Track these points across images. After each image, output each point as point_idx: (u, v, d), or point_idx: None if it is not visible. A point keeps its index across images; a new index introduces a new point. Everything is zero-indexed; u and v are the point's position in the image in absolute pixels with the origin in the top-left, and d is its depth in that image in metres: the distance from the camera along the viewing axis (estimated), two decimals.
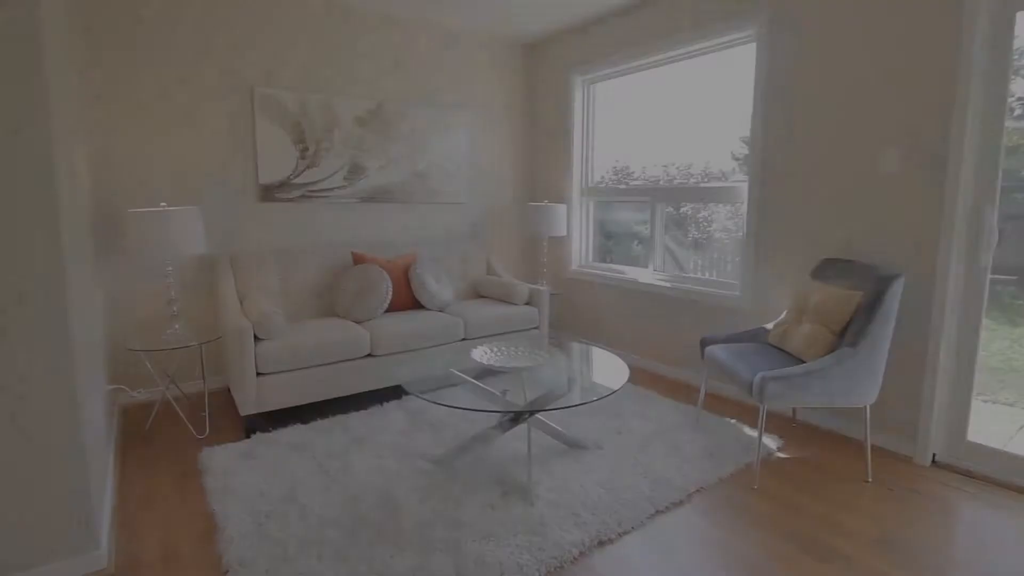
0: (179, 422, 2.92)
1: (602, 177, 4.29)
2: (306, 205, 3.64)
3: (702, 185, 3.54)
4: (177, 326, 2.83)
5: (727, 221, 3.48)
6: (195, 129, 3.20)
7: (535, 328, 3.80)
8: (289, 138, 3.51)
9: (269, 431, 2.82)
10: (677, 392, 3.45)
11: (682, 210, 3.70)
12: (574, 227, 4.41)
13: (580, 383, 2.64)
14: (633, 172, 4.00)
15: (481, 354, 2.48)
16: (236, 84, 3.30)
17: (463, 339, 3.49)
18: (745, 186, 3.23)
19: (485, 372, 2.59)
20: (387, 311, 3.53)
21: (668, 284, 3.66)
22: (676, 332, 3.65)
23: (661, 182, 3.81)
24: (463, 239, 4.32)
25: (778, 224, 3.03)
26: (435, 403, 2.22)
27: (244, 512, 2.09)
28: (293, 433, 2.78)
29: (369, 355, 3.13)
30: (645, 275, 3.91)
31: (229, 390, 3.32)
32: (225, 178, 3.32)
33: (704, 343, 2.83)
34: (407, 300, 3.59)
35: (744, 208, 3.23)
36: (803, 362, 2.47)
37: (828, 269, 2.72)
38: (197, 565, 1.83)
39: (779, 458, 2.59)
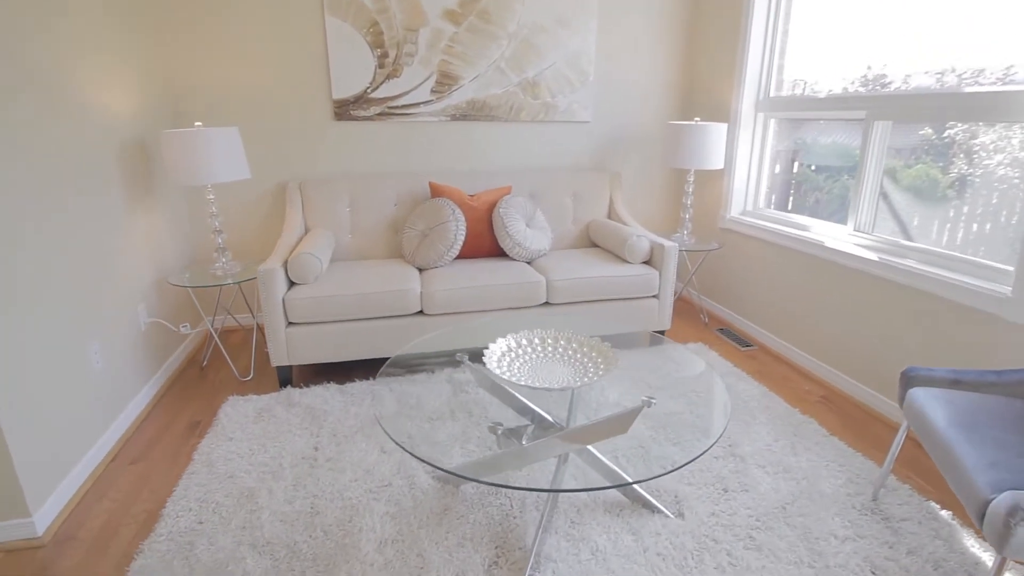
0: (231, 358, 2.80)
1: (799, 82, 2.84)
2: (386, 124, 3.09)
3: (965, 90, 1.99)
4: (224, 259, 2.62)
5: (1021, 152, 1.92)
6: (257, 35, 2.81)
7: (653, 297, 2.81)
8: (365, 41, 2.93)
9: (301, 387, 2.51)
10: (856, 427, 2.21)
11: (947, 134, 2.16)
12: (739, 157, 3.11)
13: (656, 425, 1.72)
14: (889, 79, 2.36)
15: (497, 356, 1.69)
16: None
17: (545, 303, 2.70)
18: None
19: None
20: (461, 257, 2.90)
21: (875, 256, 2.28)
22: (875, 333, 2.31)
23: (944, 85, 2.23)
24: (582, 170, 3.37)
25: None
26: (400, 446, 1.57)
27: (197, 499, 1.77)
28: (321, 394, 2.43)
29: (420, 312, 2.57)
30: (840, 236, 2.54)
31: None
32: (294, 93, 2.93)
33: (909, 379, 1.60)
34: (490, 246, 2.90)
35: None
36: None
37: None
38: (108, 562, 1.56)
39: None
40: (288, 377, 2.53)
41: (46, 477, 1.70)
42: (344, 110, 3.01)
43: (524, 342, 1.78)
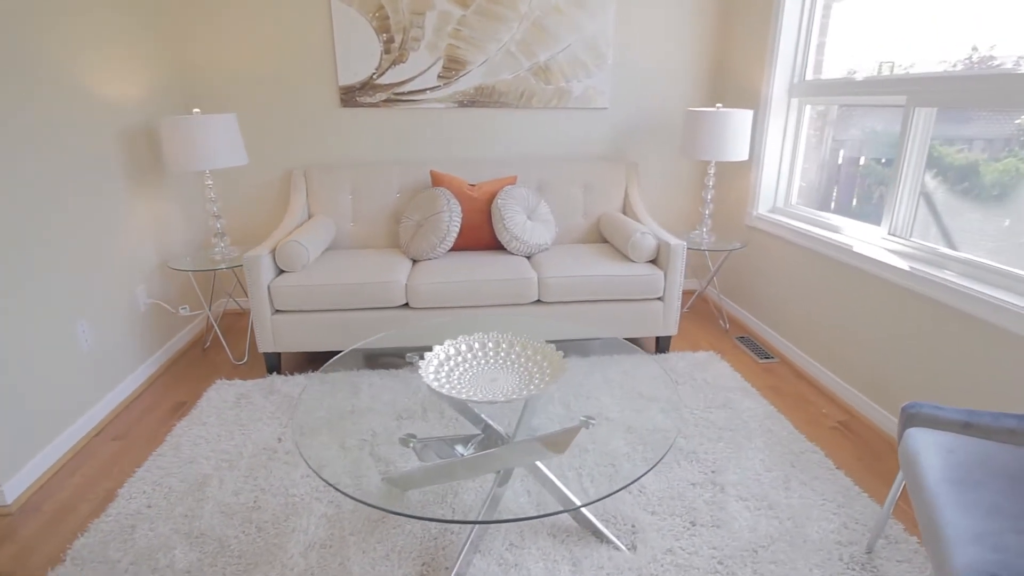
0: (230, 342, 2.87)
1: (886, 63, 2.49)
2: (392, 111, 3.03)
3: (1021, 71, 1.64)
4: (223, 244, 2.67)
5: None
6: (265, 22, 2.81)
7: (657, 300, 2.59)
8: (371, 26, 2.86)
9: (286, 374, 2.53)
10: (873, 461, 1.93)
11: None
12: (769, 147, 2.80)
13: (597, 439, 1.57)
14: (999, 61, 1.82)
15: (437, 363, 1.59)
16: None
17: (537, 301, 2.56)
18: None
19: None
20: (458, 249, 2.81)
21: (905, 265, 1.97)
22: (909, 355, 2.00)
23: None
24: (597, 159, 3.17)
25: None
26: (303, 457, 1.50)
27: (153, 482, 1.80)
28: (302, 383, 2.43)
29: (406, 305, 2.51)
30: (872, 240, 2.22)
31: None
32: (301, 79, 2.92)
33: (909, 417, 1.35)
34: (488, 239, 2.79)
35: None
36: None
37: None
38: (57, 537, 1.61)
39: None
40: (276, 364, 2.55)
41: (20, 448, 1.78)
42: (350, 96, 2.97)
43: (476, 345, 1.67)
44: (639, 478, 1.35)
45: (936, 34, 1.99)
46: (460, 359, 1.61)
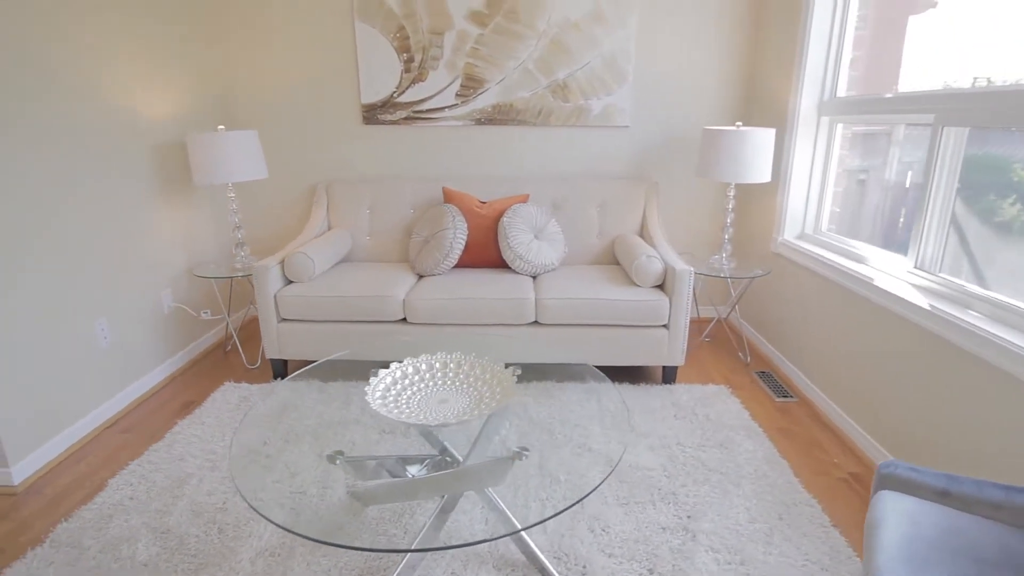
0: (247, 347, 3.01)
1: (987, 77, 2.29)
2: (411, 129, 3.10)
3: None
4: (243, 254, 2.82)
5: None
6: (294, 43, 2.97)
7: (662, 327, 2.47)
8: (392, 46, 2.96)
9: (287, 380, 2.62)
10: None
11: None
12: (796, 169, 2.61)
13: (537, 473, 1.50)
14: None
15: (386, 384, 1.58)
16: None
17: (534, 323, 2.51)
18: None
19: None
20: (464, 266, 2.81)
21: (926, 305, 1.75)
22: (924, 404, 1.78)
23: None
24: (614, 178, 3.09)
25: None
26: (233, 478, 1.52)
27: (140, 476, 1.91)
28: (301, 389, 2.50)
29: (404, 320, 2.54)
30: (897, 273, 2.01)
31: None
32: (327, 98, 3.06)
33: (881, 479, 1.19)
34: (495, 257, 2.78)
35: None
36: None
37: None
38: (46, 520, 1.74)
39: None
40: (283, 370, 2.65)
41: (33, 434, 1.95)
42: (372, 114, 3.08)
43: (437, 365, 1.65)
44: (552, 516, 1.27)
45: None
46: (417, 377, 1.60)
